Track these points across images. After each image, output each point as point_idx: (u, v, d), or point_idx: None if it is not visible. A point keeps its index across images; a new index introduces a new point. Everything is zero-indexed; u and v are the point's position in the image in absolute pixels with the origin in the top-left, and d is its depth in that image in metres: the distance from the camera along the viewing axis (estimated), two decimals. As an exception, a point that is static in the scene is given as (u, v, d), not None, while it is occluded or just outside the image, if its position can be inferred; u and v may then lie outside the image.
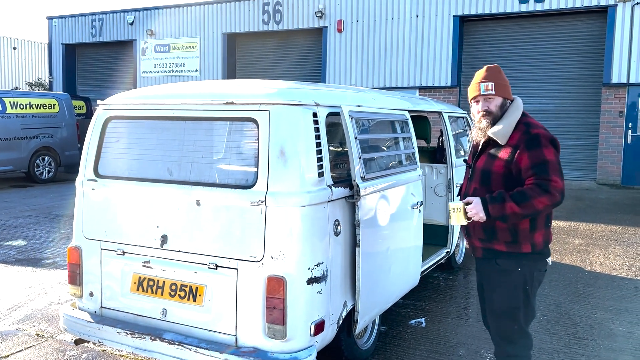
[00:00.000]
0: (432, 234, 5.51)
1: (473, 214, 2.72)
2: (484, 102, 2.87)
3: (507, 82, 2.92)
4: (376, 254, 3.54)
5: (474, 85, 2.93)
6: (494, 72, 2.91)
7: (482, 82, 2.87)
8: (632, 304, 4.86)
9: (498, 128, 2.82)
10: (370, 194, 3.41)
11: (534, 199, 2.60)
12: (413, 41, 14.54)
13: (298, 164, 2.94)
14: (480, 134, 2.91)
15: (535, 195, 2.60)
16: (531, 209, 2.62)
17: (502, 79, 2.89)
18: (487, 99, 2.87)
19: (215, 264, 3.05)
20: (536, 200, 2.60)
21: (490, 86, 2.84)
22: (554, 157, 2.67)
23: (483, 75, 2.91)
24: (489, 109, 2.86)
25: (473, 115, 2.98)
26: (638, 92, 12.47)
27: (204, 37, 17.14)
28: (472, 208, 2.72)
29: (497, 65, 2.95)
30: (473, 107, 2.96)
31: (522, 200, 2.61)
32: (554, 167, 2.65)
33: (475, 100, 2.93)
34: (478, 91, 2.88)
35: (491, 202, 2.68)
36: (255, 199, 2.93)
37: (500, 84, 2.86)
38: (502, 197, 2.66)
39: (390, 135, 4.13)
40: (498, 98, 2.86)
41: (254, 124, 3.00)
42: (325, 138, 3.18)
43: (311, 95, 3.19)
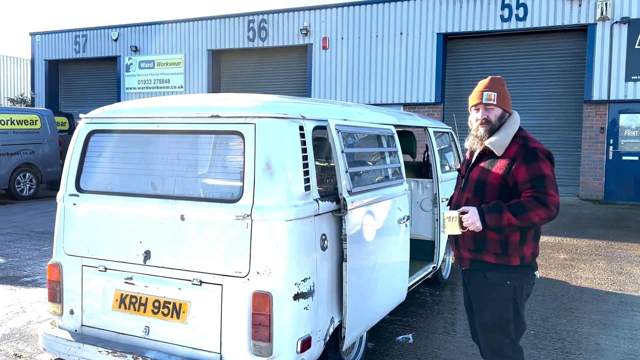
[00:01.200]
0: (418, 249, 5.49)
1: (469, 223, 2.69)
2: (484, 111, 2.87)
3: (509, 95, 2.94)
4: (363, 269, 3.50)
5: (476, 92, 2.93)
6: (498, 83, 2.92)
7: (485, 90, 2.88)
8: (617, 318, 4.87)
9: (495, 139, 2.82)
10: (357, 208, 3.38)
11: (531, 211, 2.59)
12: (397, 58, 14.67)
13: (284, 178, 2.91)
14: (477, 142, 2.90)
15: (532, 208, 2.59)
16: (528, 221, 2.60)
17: (504, 91, 2.91)
18: (487, 108, 2.87)
19: (200, 280, 2.99)
20: (533, 213, 2.58)
21: (492, 96, 2.85)
22: (550, 172, 2.68)
23: (486, 84, 2.92)
24: (488, 118, 2.86)
25: (470, 123, 2.98)
26: (618, 109, 12.67)
27: (189, 53, 17.13)
28: (468, 217, 2.69)
29: (501, 77, 2.97)
30: (472, 114, 2.96)
31: (519, 212, 2.60)
32: (550, 182, 2.65)
33: (475, 107, 2.93)
34: (480, 99, 2.89)
35: (488, 212, 2.66)
36: (240, 213, 2.89)
37: (503, 95, 2.88)
38: (500, 207, 2.64)
39: (377, 150, 4.12)
40: (498, 109, 2.87)
41: (239, 137, 2.97)
42: (312, 152, 3.15)
43: (297, 108, 3.17)
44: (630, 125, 12.64)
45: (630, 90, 12.48)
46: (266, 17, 15.99)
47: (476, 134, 2.89)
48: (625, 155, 12.68)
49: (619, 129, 12.70)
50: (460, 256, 2.96)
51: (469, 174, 2.93)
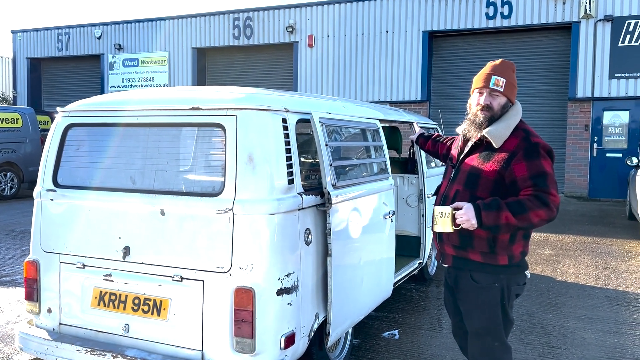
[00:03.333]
0: (404, 245, 5.46)
1: (463, 220, 2.45)
2: (488, 97, 2.63)
3: (516, 83, 2.70)
4: (348, 264, 3.45)
5: (482, 74, 2.68)
6: (508, 68, 2.67)
7: (494, 74, 2.63)
8: (603, 313, 4.87)
9: (495, 129, 2.58)
10: (341, 202, 3.33)
11: (531, 211, 2.38)
12: (383, 56, 14.65)
13: (267, 171, 2.85)
14: (473, 129, 2.64)
15: (533, 208, 2.38)
16: (527, 221, 2.40)
17: (513, 79, 2.67)
18: (492, 94, 2.62)
19: (181, 276, 2.92)
20: (533, 213, 2.38)
21: (501, 82, 2.61)
22: (551, 170, 2.47)
23: (496, 67, 2.67)
24: (491, 104, 2.62)
25: (469, 106, 2.72)
26: (602, 106, 12.77)
27: (174, 51, 16.98)
28: (462, 214, 2.45)
29: (512, 62, 2.71)
30: (474, 97, 2.70)
31: (519, 211, 2.39)
32: (552, 180, 2.45)
33: (479, 90, 2.66)
34: (486, 82, 2.63)
35: (485, 209, 2.42)
36: (222, 207, 2.82)
37: (511, 83, 2.64)
38: (498, 205, 2.41)
39: (362, 144, 4.07)
40: (503, 97, 2.63)
41: (220, 129, 2.90)
42: (296, 145, 3.10)
43: (280, 101, 3.11)
44: (614, 123, 12.73)
45: (613, 88, 12.57)
46: (251, 15, 15.90)
47: (474, 120, 2.65)
48: (609, 153, 12.78)
49: (603, 126, 12.80)
50: (443, 252, 2.74)
51: (460, 164, 2.72)
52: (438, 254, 2.86)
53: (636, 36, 12.33)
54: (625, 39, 12.40)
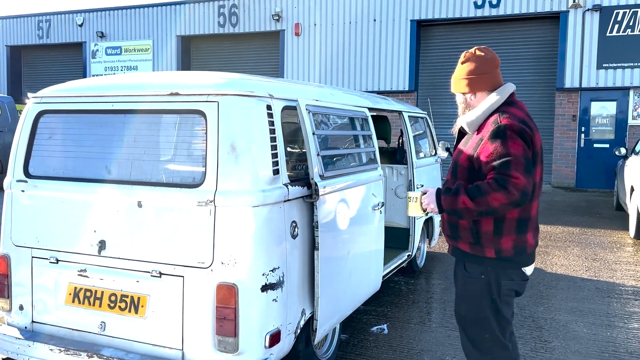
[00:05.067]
0: (393, 236, 5.34)
1: (425, 204, 2.58)
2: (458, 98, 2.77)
3: (472, 72, 2.59)
4: (336, 257, 3.32)
5: None
6: (458, 64, 2.70)
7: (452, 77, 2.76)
8: (594, 305, 4.79)
9: (467, 115, 2.64)
10: (329, 193, 3.19)
11: (488, 194, 2.29)
12: (371, 45, 14.49)
13: (250, 161, 2.70)
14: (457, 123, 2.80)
15: (490, 191, 2.29)
16: (485, 205, 2.31)
17: (460, 74, 2.67)
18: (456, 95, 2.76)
19: (159, 272, 2.77)
20: (491, 196, 2.29)
21: (451, 84, 2.74)
22: (520, 151, 2.32)
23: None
24: (457, 104, 2.76)
25: None
26: (590, 96, 12.73)
27: (158, 39, 16.66)
28: (425, 198, 2.58)
29: (471, 52, 2.67)
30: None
31: (476, 194, 2.33)
32: (517, 162, 2.30)
33: None
34: None
35: (445, 193, 2.46)
36: (203, 199, 2.66)
37: (456, 79, 2.70)
38: (457, 190, 2.41)
39: (350, 133, 3.93)
40: (458, 95, 2.73)
41: (201, 116, 2.74)
42: (281, 133, 2.95)
43: (265, 87, 2.95)
44: (601, 113, 12.71)
45: (601, 78, 12.54)
46: (237, 2, 15.63)
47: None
48: (596, 143, 12.77)
49: (590, 117, 12.78)
50: (447, 240, 2.80)
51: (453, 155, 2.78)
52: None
53: (624, 26, 12.29)
54: (613, 28, 12.36)
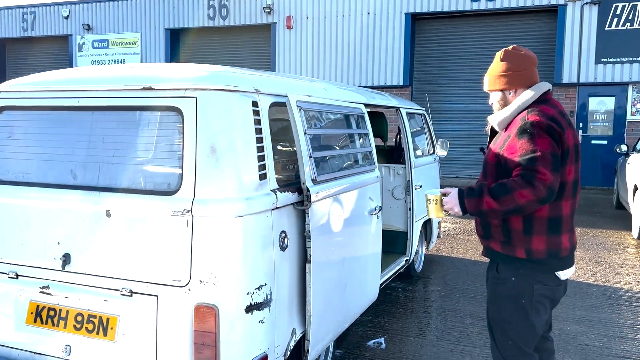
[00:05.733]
0: (390, 240, 5.04)
1: (448, 207, 2.41)
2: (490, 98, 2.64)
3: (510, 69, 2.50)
4: (330, 269, 3.01)
5: None
6: (494, 61, 2.58)
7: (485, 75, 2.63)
8: (603, 314, 4.52)
9: (497, 113, 2.54)
10: (322, 199, 2.87)
11: (515, 191, 2.19)
12: (365, 39, 14.16)
13: (233, 164, 2.38)
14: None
15: (516, 188, 2.19)
16: (512, 203, 2.21)
17: (496, 70, 2.55)
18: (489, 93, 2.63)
19: (130, 290, 2.45)
20: (517, 193, 2.19)
21: (485, 81, 2.60)
22: (547, 148, 2.23)
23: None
24: (491, 104, 2.62)
25: None
26: (588, 92, 12.48)
27: (146, 32, 16.25)
28: (447, 200, 2.41)
29: (509, 49, 2.55)
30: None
31: (501, 193, 2.22)
32: (544, 158, 2.21)
33: None
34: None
35: (468, 195, 2.33)
36: (179, 208, 2.34)
37: (493, 76, 2.56)
38: (480, 190, 2.29)
39: (345, 131, 3.61)
40: (494, 93, 2.58)
41: (177, 114, 2.42)
42: (269, 133, 2.63)
43: (251, 80, 2.63)
44: (599, 109, 12.47)
45: (600, 73, 12.28)
46: (227, -5, 15.24)
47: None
48: (594, 140, 12.52)
49: (588, 112, 12.53)
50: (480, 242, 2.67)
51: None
52: None
53: (623, 19, 12.02)
54: (612, 22, 12.10)
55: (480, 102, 12.87)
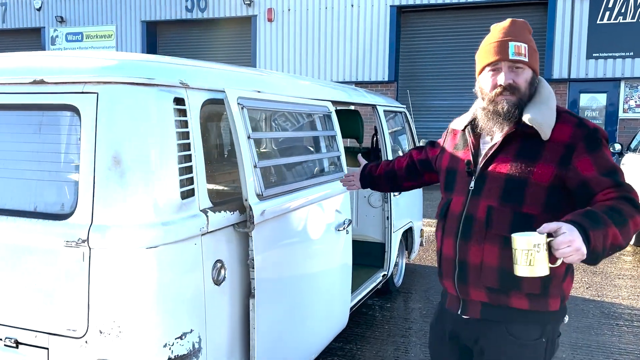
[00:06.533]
0: (365, 253, 4.53)
1: (571, 251, 1.48)
2: (509, 73, 1.79)
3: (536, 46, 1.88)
4: (283, 301, 2.49)
5: (494, 43, 1.83)
6: (525, 29, 1.85)
7: (512, 40, 1.79)
8: (602, 337, 4.03)
9: (539, 114, 1.77)
10: (271, 218, 2.35)
11: (631, 219, 1.62)
12: (348, 32, 13.61)
13: (144, 179, 1.85)
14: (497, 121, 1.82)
15: (632, 214, 1.63)
16: (627, 236, 1.63)
17: (532, 42, 1.83)
18: (515, 69, 1.80)
19: (15, 340, 1.91)
20: (633, 221, 1.63)
21: (523, 49, 1.78)
22: None
23: (511, 29, 1.83)
24: (515, 83, 1.79)
25: (480, 91, 1.89)
26: (579, 88, 12.05)
27: (121, 25, 15.58)
28: (566, 242, 1.48)
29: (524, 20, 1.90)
30: (485, 77, 1.86)
31: (621, 221, 1.60)
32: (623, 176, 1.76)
33: (493, 67, 1.83)
34: (503, 53, 1.79)
35: (593, 227, 1.54)
36: (72, 237, 1.81)
37: (534, 48, 1.83)
38: (598, 217, 1.58)
39: (306, 134, 3.09)
40: (529, 70, 1.81)
41: (74, 114, 1.89)
42: (200, 138, 2.10)
43: (176, 71, 2.09)
44: (591, 106, 12.04)
45: (591, 69, 11.84)
46: (206, -14, 14.62)
47: (495, 109, 1.81)
48: (585, 138, 12.09)
49: (579, 109, 12.09)
50: (463, 298, 1.87)
51: (484, 170, 1.85)
52: (450, 299, 1.95)
53: (616, 13, 11.59)
54: (604, 16, 11.65)
55: (469, 98, 12.40)
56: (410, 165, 2.33)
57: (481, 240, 1.79)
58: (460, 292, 1.87)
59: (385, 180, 2.41)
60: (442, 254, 1.92)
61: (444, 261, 1.91)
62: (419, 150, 2.33)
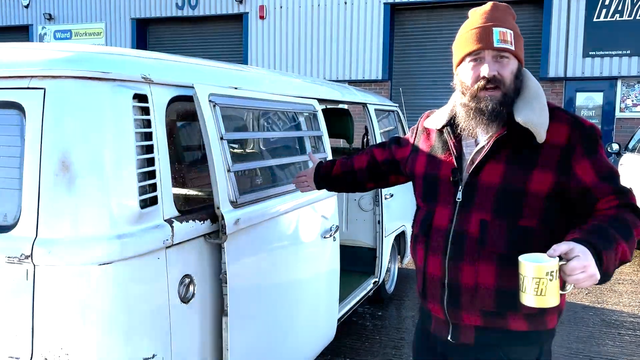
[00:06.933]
0: (355, 258, 4.33)
1: (584, 277, 1.30)
2: (494, 63, 1.56)
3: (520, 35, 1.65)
4: (261, 318, 2.28)
5: (476, 29, 1.60)
6: (509, 14, 1.63)
7: (496, 26, 1.55)
8: (605, 347, 3.84)
9: (532, 114, 1.53)
10: (247, 227, 2.14)
11: (636, 229, 1.47)
12: (342, 30, 13.40)
13: (97, 186, 1.63)
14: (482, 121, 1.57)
15: (635, 224, 1.48)
16: (633, 248, 1.46)
17: (517, 28, 1.62)
18: (499, 59, 1.56)
19: (-48, 368, 1.69)
20: (637, 231, 1.47)
21: (509, 35, 1.55)
22: None
23: (494, 14, 1.59)
24: (500, 75, 1.55)
25: (461, 84, 1.64)
26: (575, 87, 11.87)
27: (111, 22, 15.31)
28: (580, 266, 1.29)
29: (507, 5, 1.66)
30: (465, 69, 1.62)
31: (628, 235, 1.43)
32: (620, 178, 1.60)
33: (475, 56, 1.59)
34: (486, 40, 1.55)
35: (606, 246, 1.36)
36: (14, 252, 1.59)
37: (519, 35, 1.61)
38: (609, 234, 1.40)
39: (288, 134, 2.88)
40: (514, 60, 1.58)
41: (19, 112, 1.67)
42: (165, 139, 1.88)
43: (136, 64, 1.87)
44: (587, 105, 11.86)
45: (587, 67, 11.66)
46: (197, -17, 14.38)
47: (477, 106, 1.56)
48: (581, 137, 11.93)
49: (576, 108, 11.91)
50: (455, 322, 1.65)
51: (473, 178, 1.60)
52: (437, 323, 1.72)
53: (612, 10, 11.42)
54: (600, 13, 11.48)
55: (463, 97, 12.21)
56: (372, 165, 2.02)
57: (475, 259, 1.57)
58: (450, 316, 1.65)
59: (343, 182, 2.11)
60: (427, 274, 1.68)
61: (429, 282, 1.68)
62: (382, 148, 2.02)
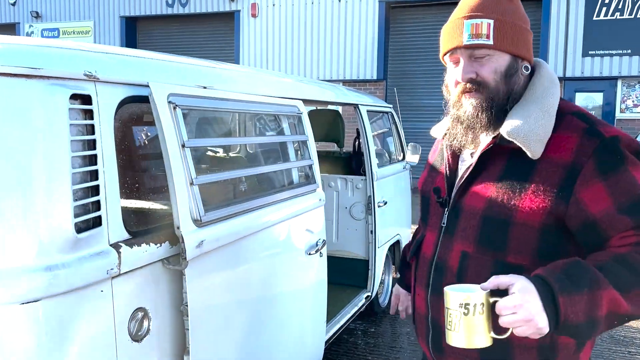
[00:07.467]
0: (346, 271, 4.04)
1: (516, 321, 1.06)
2: (470, 64, 1.30)
3: (524, 21, 1.37)
4: (232, 352, 1.98)
5: (450, 25, 1.36)
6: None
7: (469, 17, 1.29)
8: (613, 367, 3.57)
9: (521, 123, 1.24)
10: (215, 249, 1.84)
11: None
12: (335, 29, 13.11)
13: (22, 206, 1.33)
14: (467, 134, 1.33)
15: None
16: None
17: (511, 14, 1.31)
18: (476, 57, 1.29)
19: None
20: None
21: (486, 27, 1.27)
22: None
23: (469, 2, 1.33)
24: (479, 76, 1.29)
25: (446, 89, 1.41)
26: (574, 87, 11.63)
27: (99, 20, 14.98)
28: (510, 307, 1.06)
29: None
30: (448, 73, 1.39)
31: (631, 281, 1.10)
32: None
33: (451, 56, 1.35)
34: (457, 39, 1.30)
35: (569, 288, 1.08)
36: None
37: (507, 22, 1.29)
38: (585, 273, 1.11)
39: (268, 140, 2.59)
40: (500, 55, 1.29)
41: None
42: (113, 147, 1.59)
43: (77, 59, 1.57)
44: (587, 105, 11.60)
45: (587, 67, 11.42)
46: (187, -20, 14.07)
47: (456, 114, 1.31)
48: (580, 138, 11.69)
49: (574, 109, 11.68)
50: None
51: (459, 198, 1.35)
52: None
53: (612, 9, 11.17)
54: (600, 12, 11.23)
55: (460, 97, 11.96)
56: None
57: None
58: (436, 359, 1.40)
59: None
60: (415, 307, 1.47)
61: (417, 316, 1.47)
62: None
